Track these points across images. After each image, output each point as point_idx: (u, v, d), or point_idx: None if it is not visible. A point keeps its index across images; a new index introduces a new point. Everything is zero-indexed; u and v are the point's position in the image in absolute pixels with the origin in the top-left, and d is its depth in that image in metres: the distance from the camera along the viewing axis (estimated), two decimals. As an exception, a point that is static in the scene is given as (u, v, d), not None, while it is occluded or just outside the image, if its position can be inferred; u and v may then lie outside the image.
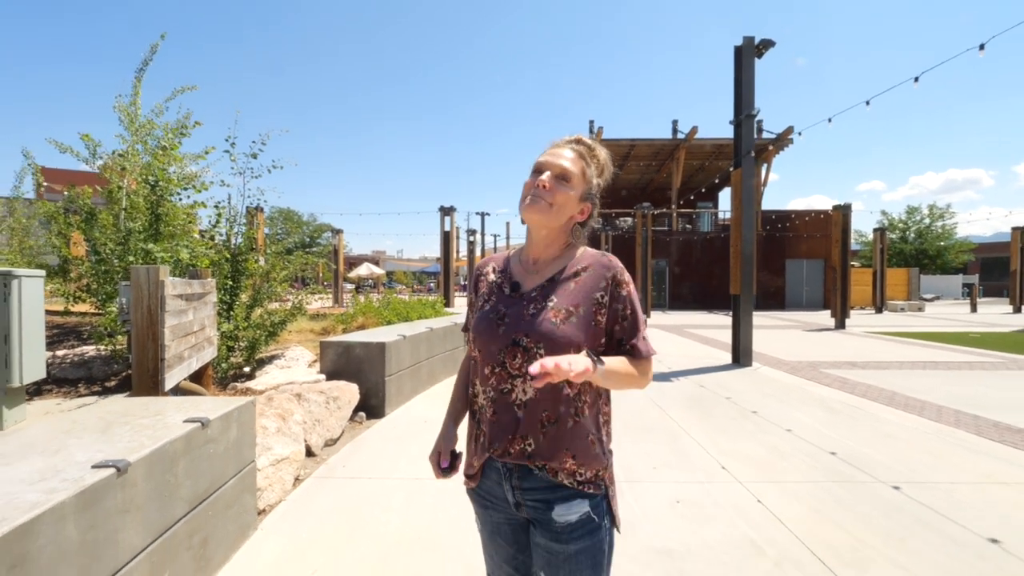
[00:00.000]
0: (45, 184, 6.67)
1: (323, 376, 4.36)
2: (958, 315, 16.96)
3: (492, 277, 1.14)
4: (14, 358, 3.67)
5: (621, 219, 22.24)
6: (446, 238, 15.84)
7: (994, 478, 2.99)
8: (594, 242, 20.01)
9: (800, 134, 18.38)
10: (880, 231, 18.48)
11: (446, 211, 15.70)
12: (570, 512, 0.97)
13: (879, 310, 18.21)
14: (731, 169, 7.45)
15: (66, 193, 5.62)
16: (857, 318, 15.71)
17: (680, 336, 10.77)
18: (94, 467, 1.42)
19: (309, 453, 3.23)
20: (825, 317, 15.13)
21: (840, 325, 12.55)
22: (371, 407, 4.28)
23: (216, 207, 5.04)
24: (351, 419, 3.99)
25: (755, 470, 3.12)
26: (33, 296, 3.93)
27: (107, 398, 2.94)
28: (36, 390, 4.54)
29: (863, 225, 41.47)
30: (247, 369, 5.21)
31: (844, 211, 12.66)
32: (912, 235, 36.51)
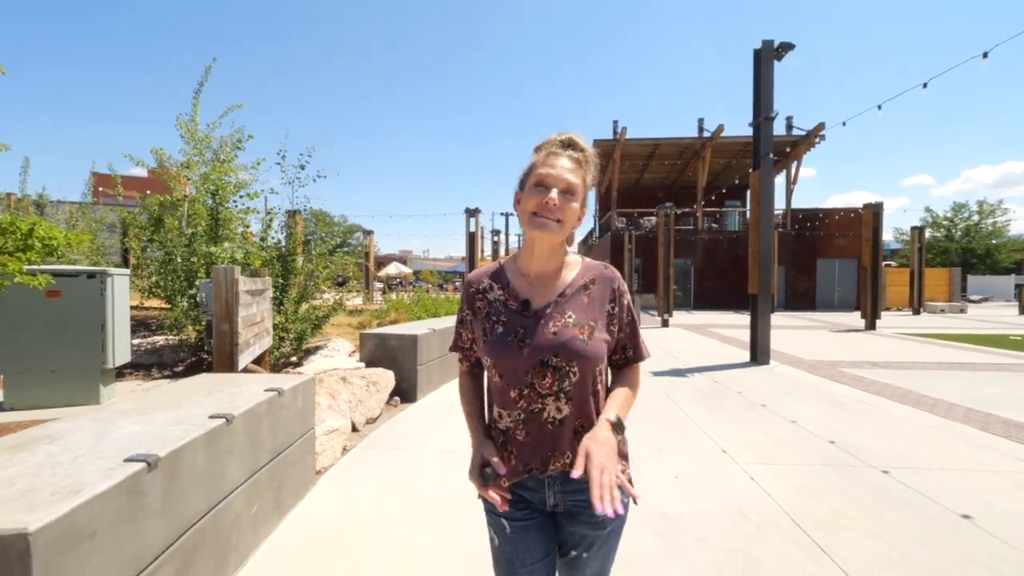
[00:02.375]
0: (122, 192, 7.48)
1: (363, 364, 4.85)
2: (1003, 317, 16.29)
3: (493, 294, 1.11)
4: (108, 344, 4.31)
5: (645, 218, 22.25)
6: (471, 239, 16.32)
7: (984, 466, 3.18)
8: (617, 241, 20.14)
9: (823, 137, 18.01)
10: (918, 229, 17.90)
11: (471, 213, 16.19)
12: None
13: (916, 311, 17.66)
14: (751, 171, 7.60)
15: (116, 197, 6.42)
16: (891, 319, 15.34)
17: (701, 335, 10.89)
18: (210, 417, 1.88)
19: (353, 429, 3.70)
20: (856, 318, 14.84)
21: (870, 326, 12.35)
22: (404, 392, 4.74)
23: (268, 212, 5.62)
24: (387, 402, 4.46)
25: (753, 454, 3.40)
26: (122, 291, 4.59)
27: (196, 376, 3.47)
28: (117, 373, 5.20)
29: (907, 223, 39.90)
30: (294, 358, 5.78)
31: (875, 209, 12.44)
32: (959, 233, 34.89)
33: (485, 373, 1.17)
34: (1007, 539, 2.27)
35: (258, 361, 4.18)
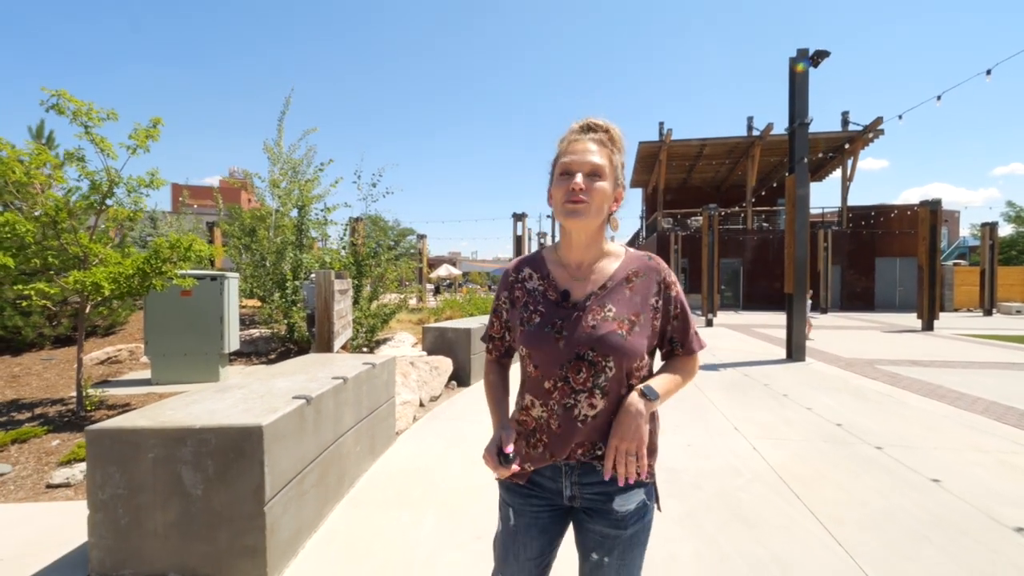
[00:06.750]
0: (224, 203, 8.82)
1: (425, 353, 5.69)
2: (1091, 319, 15.02)
3: (532, 283, 1.10)
4: (226, 333, 5.40)
5: (692, 219, 22.13)
6: (518, 242, 17.07)
7: (976, 447, 3.50)
8: (663, 242, 20.23)
9: (882, 131, 17.27)
10: (989, 226, 16.81)
11: (519, 217, 16.96)
12: (629, 502, 1.02)
13: (988, 312, 16.59)
14: (787, 174, 7.83)
15: (199, 206, 7.74)
16: (955, 320, 14.61)
17: (744, 334, 11.04)
18: (333, 378, 2.70)
19: (421, 404, 4.50)
20: (915, 319, 14.26)
21: (927, 327, 11.95)
22: (460, 377, 5.53)
23: (344, 225, 6.64)
24: (446, 385, 5.25)
25: (761, 431, 3.88)
26: (234, 291, 5.68)
27: (307, 355, 4.40)
28: (228, 358, 6.33)
29: (991, 218, 36.61)
30: (365, 348, 6.74)
31: (932, 207, 12.03)
32: (1050, 228, 31.72)
33: (512, 363, 1.21)
34: (963, 496, 2.69)
35: (343, 348, 5.10)
